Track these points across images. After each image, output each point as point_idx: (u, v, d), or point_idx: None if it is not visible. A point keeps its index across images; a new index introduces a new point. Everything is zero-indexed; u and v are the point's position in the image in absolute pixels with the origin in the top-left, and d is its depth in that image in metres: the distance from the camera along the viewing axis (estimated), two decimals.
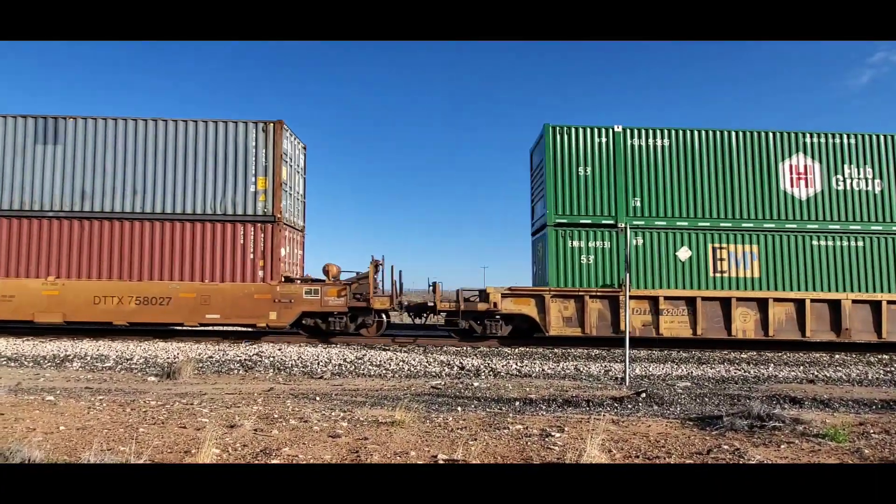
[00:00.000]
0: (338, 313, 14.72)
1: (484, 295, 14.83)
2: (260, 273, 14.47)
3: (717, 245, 14.63)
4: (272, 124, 14.78)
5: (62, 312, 14.11)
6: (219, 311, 14.22)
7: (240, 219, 14.54)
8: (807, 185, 14.85)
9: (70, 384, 8.93)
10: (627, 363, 9.81)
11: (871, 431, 6.06)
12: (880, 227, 14.68)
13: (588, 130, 14.88)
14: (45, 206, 14.39)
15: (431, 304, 15.37)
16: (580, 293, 14.43)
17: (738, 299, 14.40)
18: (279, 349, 13.40)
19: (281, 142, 14.76)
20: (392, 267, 15.46)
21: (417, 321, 16.26)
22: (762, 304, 14.39)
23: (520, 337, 15.05)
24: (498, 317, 14.83)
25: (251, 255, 14.51)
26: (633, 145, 14.84)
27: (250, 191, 14.63)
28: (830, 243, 14.62)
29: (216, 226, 14.48)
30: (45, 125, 14.57)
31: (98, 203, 14.47)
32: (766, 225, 14.67)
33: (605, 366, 11.95)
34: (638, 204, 14.71)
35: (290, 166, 15.75)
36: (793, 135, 14.99)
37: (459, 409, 7.21)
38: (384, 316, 15.56)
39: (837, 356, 13.72)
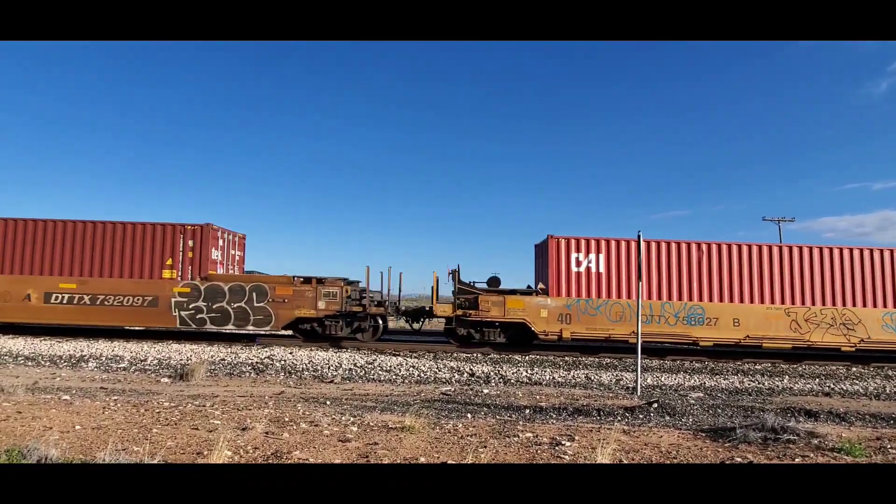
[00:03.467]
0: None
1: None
2: None
3: None
4: None
5: None
6: None
7: None
8: None
9: (85, 384, 9.06)
10: (639, 373, 9.73)
11: (889, 447, 5.95)
12: None
13: None
14: None
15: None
16: None
17: None
18: (290, 353, 13.47)
19: None
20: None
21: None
22: None
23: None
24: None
25: None
26: None
27: None
28: None
29: None
30: None
31: None
32: None
33: (617, 375, 11.86)
34: None
35: None
36: None
37: (469, 415, 7.20)
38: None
39: (854, 369, 13.49)
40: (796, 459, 5.39)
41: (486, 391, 9.45)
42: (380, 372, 11.57)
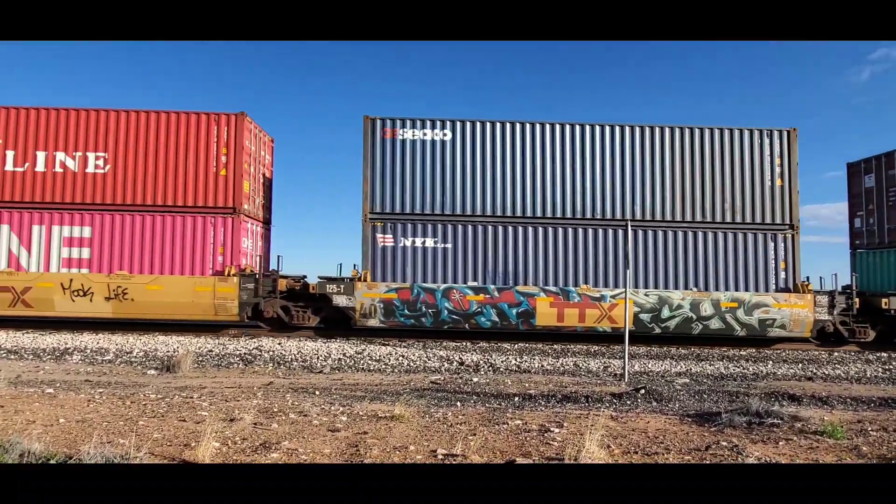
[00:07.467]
0: None
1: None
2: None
3: None
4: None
5: None
6: None
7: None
8: None
9: (70, 377, 8.94)
10: (626, 360, 9.82)
11: (869, 429, 6.08)
12: None
13: None
14: None
15: None
16: None
17: None
18: (278, 343, 13.42)
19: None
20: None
21: None
22: None
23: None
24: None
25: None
26: None
27: None
28: None
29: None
30: None
31: None
32: None
33: (605, 362, 11.97)
34: None
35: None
36: None
37: (458, 404, 7.22)
38: None
39: (836, 354, 13.74)
40: (780, 443, 5.49)
41: (475, 379, 9.48)
42: (369, 361, 11.57)
